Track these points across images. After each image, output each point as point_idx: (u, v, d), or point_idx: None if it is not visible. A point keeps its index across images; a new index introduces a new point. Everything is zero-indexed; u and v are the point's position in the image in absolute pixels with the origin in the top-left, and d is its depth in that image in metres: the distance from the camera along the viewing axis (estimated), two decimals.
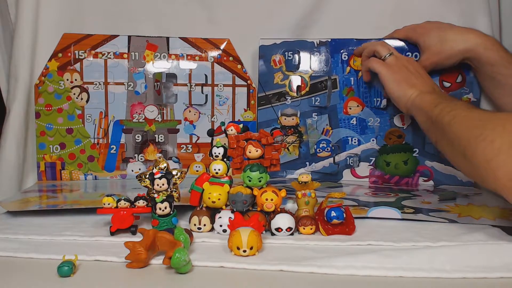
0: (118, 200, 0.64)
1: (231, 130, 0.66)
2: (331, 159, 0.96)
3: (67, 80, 0.94)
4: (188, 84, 0.97)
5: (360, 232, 0.64)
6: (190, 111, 0.97)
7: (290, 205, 0.72)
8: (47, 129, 0.94)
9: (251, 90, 0.98)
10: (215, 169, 0.66)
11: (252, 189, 0.64)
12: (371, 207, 0.72)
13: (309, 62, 0.96)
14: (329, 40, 0.95)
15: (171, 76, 0.97)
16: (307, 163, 0.97)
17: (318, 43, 0.96)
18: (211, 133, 0.98)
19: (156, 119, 0.96)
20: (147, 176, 0.64)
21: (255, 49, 0.98)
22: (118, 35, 0.95)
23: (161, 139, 0.97)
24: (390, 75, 0.83)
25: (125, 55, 0.95)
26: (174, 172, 0.65)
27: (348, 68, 0.95)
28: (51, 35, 0.96)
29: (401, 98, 0.81)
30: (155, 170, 0.64)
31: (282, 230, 0.62)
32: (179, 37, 0.97)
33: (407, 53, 0.92)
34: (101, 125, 0.95)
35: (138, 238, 0.56)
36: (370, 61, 0.88)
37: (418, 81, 0.81)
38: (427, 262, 0.52)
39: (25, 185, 0.96)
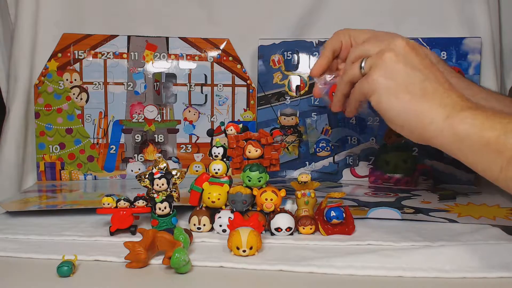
0: (118, 200, 0.63)
1: (231, 130, 0.66)
2: (330, 159, 0.96)
3: (67, 80, 0.94)
4: (188, 84, 0.97)
5: (360, 232, 0.64)
6: (189, 111, 0.97)
7: (290, 205, 0.72)
8: (46, 129, 0.93)
9: (250, 90, 0.98)
10: (214, 169, 0.66)
11: (251, 189, 0.64)
12: (371, 208, 0.72)
13: (308, 62, 0.96)
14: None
15: (171, 76, 0.97)
16: (307, 162, 0.97)
17: (317, 43, 0.96)
18: (210, 133, 0.98)
19: (155, 119, 0.96)
20: (147, 176, 0.64)
21: (254, 49, 0.98)
22: (118, 35, 0.95)
23: (161, 139, 0.97)
24: (385, 95, 0.55)
25: (125, 55, 0.95)
26: (173, 172, 0.65)
27: None
28: (51, 35, 0.96)
29: (418, 128, 0.53)
30: (154, 170, 0.64)
31: (281, 230, 0.62)
32: (179, 37, 0.97)
33: None
34: (100, 125, 0.95)
35: (137, 238, 0.56)
36: (355, 89, 0.60)
37: (439, 89, 0.53)
38: (427, 262, 0.52)
39: (25, 185, 0.96)
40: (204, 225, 0.64)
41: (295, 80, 0.96)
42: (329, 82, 0.68)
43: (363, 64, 0.57)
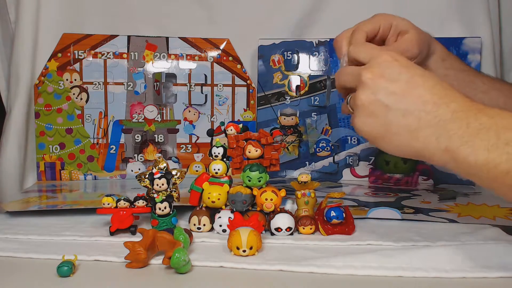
0: (118, 200, 0.63)
1: (231, 130, 0.66)
2: (330, 159, 0.96)
3: (67, 80, 0.94)
4: (188, 84, 0.97)
5: (360, 232, 0.64)
6: (189, 111, 0.97)
7: (290, 205, 0.72)
8: (46, 129, 0.94)
9: (250, 90, 0.98)
10: (214, 169, 0.66)
11: (251, 189, 0.64)
12: (371, 208, 0.72)
13: (308, 62, 0.96)
14: (328, 40, 0.95)
15: (171, 76, 0.97)
16: (307, 162, 0.97)
17: (317, 43, 0.96)
18: (210, 133, 0.98)
19: (155, 119, 0.96)
20: (147, 176, 0.64)
21: (254, 49, 0.98)
22: (118, 35, 0.95)
23: (161, 139, 0.97)
24: (374, 141, 0.53)
25: (125, 55, 0.95)
26: (173, 172, 0.65)
27: None
28: (51, 35, 0.96)
29: (422, 159, 0.52)
30: (154, 170, 0.64)
31: (281, 230, 0.62)
32: (179, 37, 0.97)
33: None
34: (100, 125, 0.95)
35: (137, 238, 0.56)
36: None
37: (424, 119, 0.49)
38: (427, 262, 0.52)
39: (26, 185, 0.96)
40: (204, 225, 0.64)
41: (295, 80, 0.96)
42: None
43: (348, 101, 0.55)
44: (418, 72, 0.51)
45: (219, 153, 0.66)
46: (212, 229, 0.65)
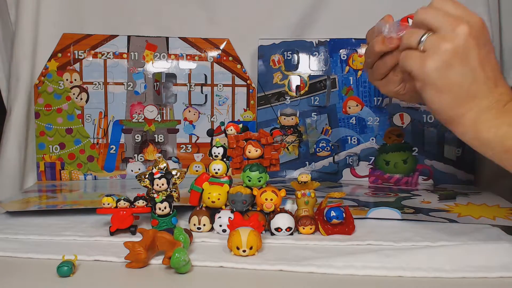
0: (118, 200, 0.63)
1: (231, 130, 0.66)
2: (330, 159, 0.96)
3: (67, 80, 0.94)
4: (188, 84, 0.97)
5: (360, 232, 0.64)
6: (189, 111, 0.97)
7: (290, 205, 0.72)
8: (46, 129, 0.94)
9: (250, 90, 0.98)
10: (214, 169, 0.66)
11: (251, 189, 0.64)
12: (371, 208, 0.72)
13: (308, 62, 0.96)
14: (328, 40, 0.95)
15: (171, 76, 0.97)
16: (307, 162, 0.97)
17: (317, 43, 0.96)
18: (210, 133, 0.98)
19: (155, 119, 0.96)
20: (147, 176, 0.64)
21: (254, 49, 0.98)
22: (118, 35, 0.95)
23: (161, 139, 0.97)
24: (429, 88, 0.54)
25: (125, 55, 0.95)
26: (173, 172, 0.65)
27: (347, 67, 0.95)
28: (51, 35, 0.96)
29: (447, 122, 0.56)
30: (154, 170, 0.64)
31: (281, 230, 0.62)
32: (179, 37, 0.97)
33: None
34: (100, 125, 0.95)
35: (137, 238, 0.56)
36: (405, 57, 0.56)
37: (482, 91, 0.53)
38: (427, 262, 0.52)
39: (26, 185, 0.96)
40: (204, 225, 0.65)
41: (295, 80, 0.96)
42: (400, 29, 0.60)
43: (423, 39, 0.54)
44: (492, 48, 0.55)
45: (219, 153, 0.66)
46: (212, 229, 0.65)
